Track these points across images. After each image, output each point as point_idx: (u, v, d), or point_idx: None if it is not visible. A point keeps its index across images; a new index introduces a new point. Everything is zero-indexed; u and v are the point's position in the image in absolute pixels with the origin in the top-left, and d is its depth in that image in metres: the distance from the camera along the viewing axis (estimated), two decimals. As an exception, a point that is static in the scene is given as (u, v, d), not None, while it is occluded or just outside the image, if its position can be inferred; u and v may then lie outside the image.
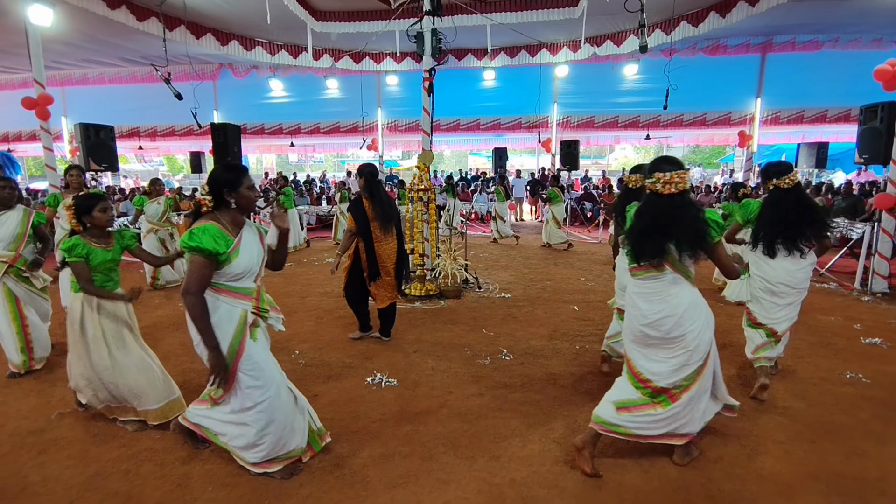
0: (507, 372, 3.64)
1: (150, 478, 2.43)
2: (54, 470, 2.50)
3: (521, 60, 12.81)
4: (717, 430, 2.76)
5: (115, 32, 10.31)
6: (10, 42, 10.42)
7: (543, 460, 2.54)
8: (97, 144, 7.63)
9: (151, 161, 25.60)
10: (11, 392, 3.38)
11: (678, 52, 11.15)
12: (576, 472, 2.43)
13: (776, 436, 2.75)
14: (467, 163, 26.92)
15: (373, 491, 2.31)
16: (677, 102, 11.03)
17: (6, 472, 2.49)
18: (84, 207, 2.77)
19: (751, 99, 13.55)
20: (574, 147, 11.24)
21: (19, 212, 3.64)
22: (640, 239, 2.26)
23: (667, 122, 13.88)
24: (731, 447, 2.64)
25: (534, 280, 6.60)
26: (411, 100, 14.56)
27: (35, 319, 3.70)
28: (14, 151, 17.09)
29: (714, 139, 15.63)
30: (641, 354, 2.40)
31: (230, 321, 2.20)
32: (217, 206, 2.22)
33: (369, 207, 3.94)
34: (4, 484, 2.39)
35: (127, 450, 2.67)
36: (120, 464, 2.55)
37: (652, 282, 2.31)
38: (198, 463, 2.54)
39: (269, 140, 16.73)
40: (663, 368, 2.33)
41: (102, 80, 14.79)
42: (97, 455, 2.62)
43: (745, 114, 13.67)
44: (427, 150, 6.16)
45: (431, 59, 6.35)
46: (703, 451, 2.58)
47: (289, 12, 9.26)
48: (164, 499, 2.28)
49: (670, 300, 2.27)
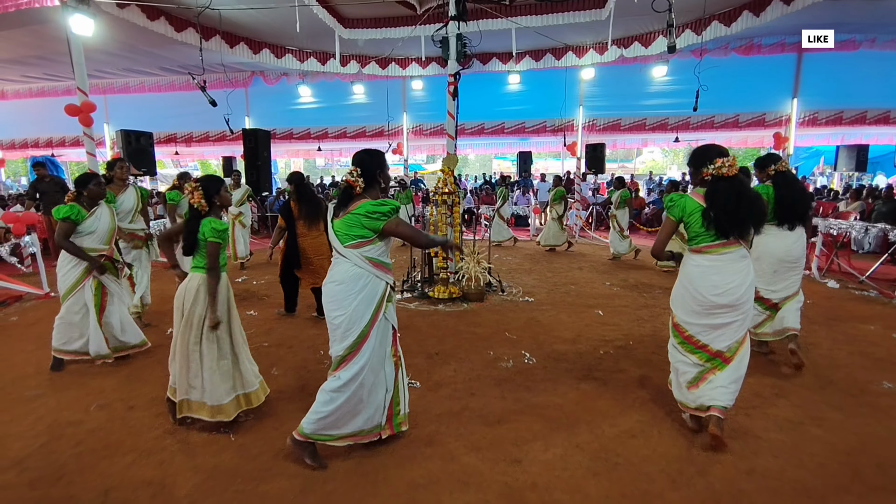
0: (529, 375, 3.61)
1: (183, 468, 2.50)
2: (91, 460, 2.59)
3: (546, 64, 12.74)
4: (749, 440, 2.70)
5: (154, 43, 10.75)
6: (51, 49, 10.91)
7: (566, 465, 2.51)
8: (137, 150, 7.96)
9: (186, 166, 26.51)
10: (53, 385, 3.54)
11: (709, 53, 10.85)
12: (599, 478, 2.40)
13: (811, 448, 2.66)
14: (492, 166, 26.91)
15: (394, 490, 2.33)
16: (708, 104, 10.75)
17: (44, 461, 2.58)
18: (214, 188, 2.84)
19: (787, 99, 13.05)
20: (600, 150, 11.10)
21: (104, 207, 3.81)
22: (729, 216, 2.51)
23: (697, 123, 13.49)
24: (763, 458, 2.56)
25: (557, 284, 6.54)
26: (436, 104, 14.67)
27: (114, 310, 3.84)
28: (59, 157, 17.98)
29: (748, 141, 15.11)
30: (703, 326, 2.66)
31: (376, 293, 2.44)
32: (368, 187, 2.45)
33: (296, 208, 4.70)
34: (42, 473, 2.48)
35: (160, 441, 2.76)
36: (154, 454, 2.63)
37: (728, 255, 2.58)
38: (227, 455, 2.61)
39: (297, 145, 17.09)
40: (724, 332, 2.63)
41: (142, 88, 15.43)
42: (132, 445, 2.72)
43: (781, 115, 13.16)
44: (451, 154, 6.20)
45: (456, 64, 6.39)
46: (734, 462, 2.52)
47: (318, 20, 9.48)
48: (195, 490, 2.34)
49: (742, 272, 2.59)
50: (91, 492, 2.33)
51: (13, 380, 3.63)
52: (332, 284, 2.45)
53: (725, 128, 13.56)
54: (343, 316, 2.39)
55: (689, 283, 2.66)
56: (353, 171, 2.42)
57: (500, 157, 25.38)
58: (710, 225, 2.55)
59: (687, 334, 2.71)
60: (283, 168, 26.49)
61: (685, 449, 2.65)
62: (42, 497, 2.31)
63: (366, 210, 2.36)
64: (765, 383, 3.40)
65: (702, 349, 2.67)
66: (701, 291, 2.61)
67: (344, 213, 2.41)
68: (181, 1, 8.90)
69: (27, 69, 13.20)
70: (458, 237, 5.94)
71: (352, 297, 2.39)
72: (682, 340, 2.74)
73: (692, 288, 2.64)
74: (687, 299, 2.68)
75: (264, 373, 3.63)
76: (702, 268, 2.62)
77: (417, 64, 13.27)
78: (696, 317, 2.67)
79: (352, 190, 2.41)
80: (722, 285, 2.56)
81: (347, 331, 2.40)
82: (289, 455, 2.57)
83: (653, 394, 3.21)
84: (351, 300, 2.39)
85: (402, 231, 2.42)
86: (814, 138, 14.33)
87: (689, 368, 2.72)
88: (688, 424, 2.83)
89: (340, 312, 2.40)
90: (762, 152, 20.98)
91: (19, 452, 2.66)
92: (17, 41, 10.49)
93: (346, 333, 2.40)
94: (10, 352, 4.22)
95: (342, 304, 2.40)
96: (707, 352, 2.66)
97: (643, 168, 26.75)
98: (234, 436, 2.81)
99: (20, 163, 22.82)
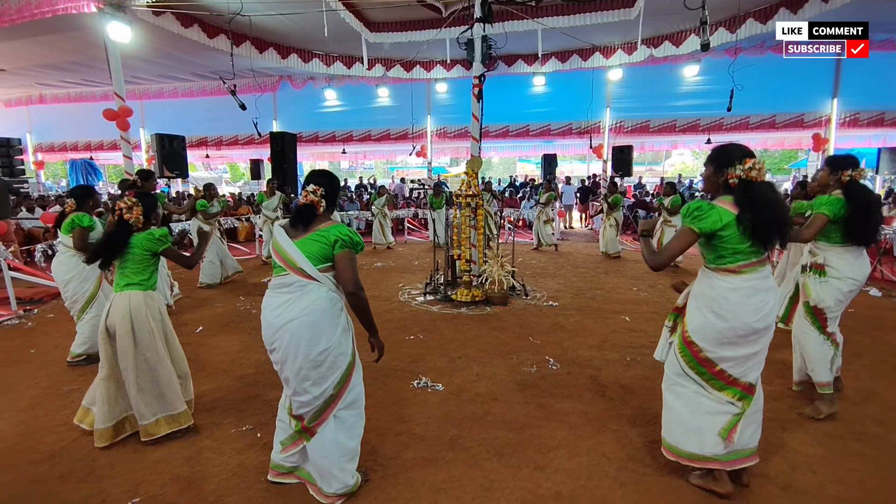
0: (553, 381, 3.54)
1: (210, 465, 2.54)
2: (121, 455, 2.65)
3: (572, 65, 12.60)
4: (787, 455, 2.58)
5: (187, 49, 11.11)
6: (89, 55, 11.40)
7: (592, 475, 2.44)
8: (170, 153, 8.24)
9: (216, 169, 27.29)
10: (87, 381, 3.61)
11: (744, 52, 10.52)
12: (626, 490, 2.33)
13: (851, 463, 2.54)
14: (516, 169, 26.75)
15: (416, 493, 2.31)
16: (743, 104, 10.41)
17: (76, 456, 2.64)
18: (152, 207, 2.94)
19: (826, 100, 12.56)
20: (627, 153, 10.89)
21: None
22: (770, 224, 2.11)
23: (730, 124, 13.09)
24: (801, 473, 2.44)
25: (583, 289, 6.42)
26: (460, 107, 14.70)
27: None
28: (96, 159, 18.75)
29: (784, 143, 14.58)
30: (739, 358, 2.23)
31: (348, 319, 2.28)
32: (329, 209, 2.29)
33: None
34: (74, 467, 2.53)
35: (188, 437, 2.81)
36: (182, 450, 2.67)
37: (760, 272, 2.20)
38: (252, 454, 2.64)
39: (322, 147, 17.40)
40: (753, 362, 2.26)
41: (175, 93, 15.99)
42: (163, 441, 2.75)
43: (820, 115, 12.67)
44: (476, 157, 6.16)
45: (481, 66, 6.36)
46: (770, 478, 2.40)
47: (344, 25, 9.62)
48: (221, 485, 2.38)
49: (773, 287, 2.24)
50: (121, 486, 2.37)
51: (48, 375, 3.75)
52: (305, 317, 2.10)
53: (761, 128, 13.15)
54: (329, 349, 2.13)
55: (724, 310, 2.20)
56: (316, 191, 2.19)
57: (524, 160, 25.22)
58: (747, 236, 2.13)
59: (717, 369, 2.25)
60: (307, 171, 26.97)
61: None
62: (72, 491, 2.34)
63: (337, 233, 2.14)
64: (803, 395, 3.24)
65: (732, 384, 2.25)
66: (742, 318, 2.18)
67: (304, 234, 2.17)
68: (214, 8, 9.15)
69: (66, 74, 13.82)
70: (481, 240, 5.89)
71: (333, 324, 2.15)
72: (712, 376, 2.25)
73: (730, 315, 2.19)
74: (721, 329, 2.21)
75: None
76: (740, 291, 2.18)
77: (442, 66, 13.33)
78: (731, 348, 2.23)
79: (314, 210, 2.20)
80: (764, 307, 2.18)
81: (333, 364, 2.16)
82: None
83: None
84: (334, 329, 2.15)
85: (348, 268, 2.15)
86: (854, 140, 13.77)
87: (720, 411, 2.27)
88: (712, 488, 2.30)
89: (325, 345, 2.12)
90: (800, 155, 20.23)
91: (52, 446, 2.73)
92: (56, 47, 10.98)
93: (332, 367, 2.16)
94: (46, 347, 4.38)
95: (327, 334, 2.13)
96: (739, 386, 2.25)
97: (672, 171, 26.17)
98: (259, 433, 2.85)
99: (59, 165, 23.85)
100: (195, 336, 4.61)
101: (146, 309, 2.72)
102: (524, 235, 11.76)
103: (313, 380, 2.14)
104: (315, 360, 2.11)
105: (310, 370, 2.12)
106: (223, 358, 4.04)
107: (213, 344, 4.37)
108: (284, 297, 2.15)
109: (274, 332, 2.13)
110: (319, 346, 2.11)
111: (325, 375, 2.14)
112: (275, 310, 2.14)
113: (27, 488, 2.37)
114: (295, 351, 2.10)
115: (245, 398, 3.32)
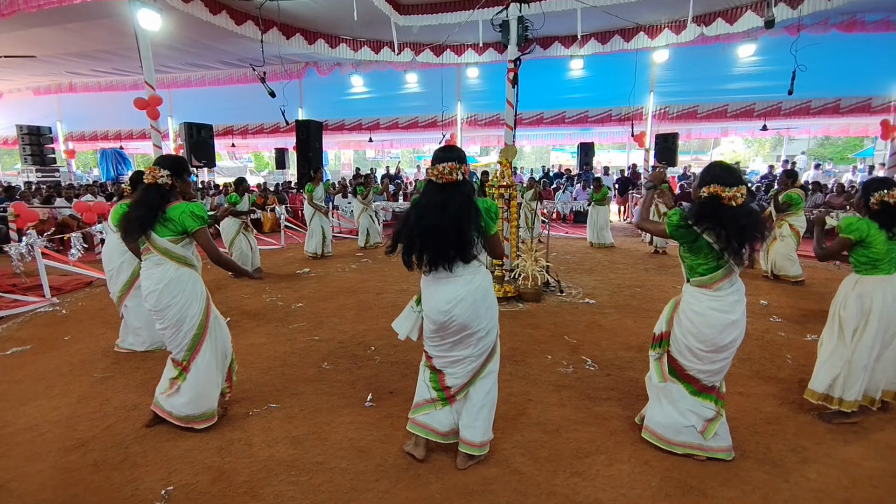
0: (591, 383, 3.37)
1: (240, 456, 2.52)
2: (154, 442, 2.63)
3: (613, 46, 11.83)
4: (848, 469, 2.43)
5: (215, 36, 11.08)
6: (119, 44, 11.41)
7: (634, 483, 2.30)
8: (198, 142, 8.25)
9: (241, 158, 27.58)
10: (120, 368, 3.64)
11: (806, 29, 9.71)
12: (672, 501, 2.19)
13: (871, 464, 2.46)
14: (549, 159, 26.06)
15: (447, 495, 2.23)
16: (804, 87, 9.66)
17: (110, 443, 2.63)
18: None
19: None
20: (672, 141, 10.34)
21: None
22: (742, 244, 2.22)
23: (789, 109, 12.10)
24: (862, 489, 2.28)
25: (621, 286, 6.10)
26: (491, 93, 14.20)
27: None
28: (125, 149, 19.10)
29: (849, 129, 13.46)
30: (700, 363, 2.39)
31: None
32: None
33: None
34: (107, 455, 2.52)
35: (218, 428, 2.78)
36: (213, 440, 2.65)
37: (736, 285, 2.34)
38: (281, 447, 2.60)
39: (348, 136, 17.25)
40: (719, 366, 2.39)
41: (203, 82, 16.04)
42: (192, 431, 2.72)
43: (890, 100, 11.50)
44: (510, 145, 5.90)
45: (516, 49, 6.06)
46: (829, 493, 2.26)
47: (373, 8, 9.37)
48: (252, 477, 2.36)
49: (742, 301, 2.34)
50: (154, 474, 2.36)
51: (82, 362, 3.76)
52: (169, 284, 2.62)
53: (824, 114, 12.14)
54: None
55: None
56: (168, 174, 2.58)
57: (558, 150, 24.44)
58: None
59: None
60: (332, 160, 27.00)
61: (773, 474, 2.38)
62: (105, 479, 2.32)
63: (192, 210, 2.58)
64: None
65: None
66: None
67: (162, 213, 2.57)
68: (242, -6, 9.04)
69: (96, 63, 13.94)
70: (515, 233, 5.64)
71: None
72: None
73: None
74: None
75: (315, 366, 3.64)
76: (712, 308, 2.36)
77: (473, 50, 12.87)
78: (706, 354, 2.39)
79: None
80: (735, 317, 2.38)
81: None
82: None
83: (732, 410, 2.84)
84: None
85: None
86: None
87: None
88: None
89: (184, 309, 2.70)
90: (866, 143, 18.93)
91: (85, 433, 2.72)
92: (86, 35, 11.05)
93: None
94: (80, 334, 4.39)
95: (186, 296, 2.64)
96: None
97: (721, 161, 24.81)
98: (288, 425, 2.82)
99: (90, 154, 24.48)
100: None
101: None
102: (557, 229, 11.42)
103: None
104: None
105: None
106: (250, 350, 3.98)
107: (240, 336, 4.31)
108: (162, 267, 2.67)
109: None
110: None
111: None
112: None
113: (59, 477, 2.35)
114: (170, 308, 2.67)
115: (273, 391, 3.26)
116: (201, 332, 2.69)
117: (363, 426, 2.78)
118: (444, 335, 2.29)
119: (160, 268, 2.61)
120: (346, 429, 2.77)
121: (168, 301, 2.60)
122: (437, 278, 2.25)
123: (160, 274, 2.60)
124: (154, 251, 2.61)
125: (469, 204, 2.18)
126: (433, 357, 2.39)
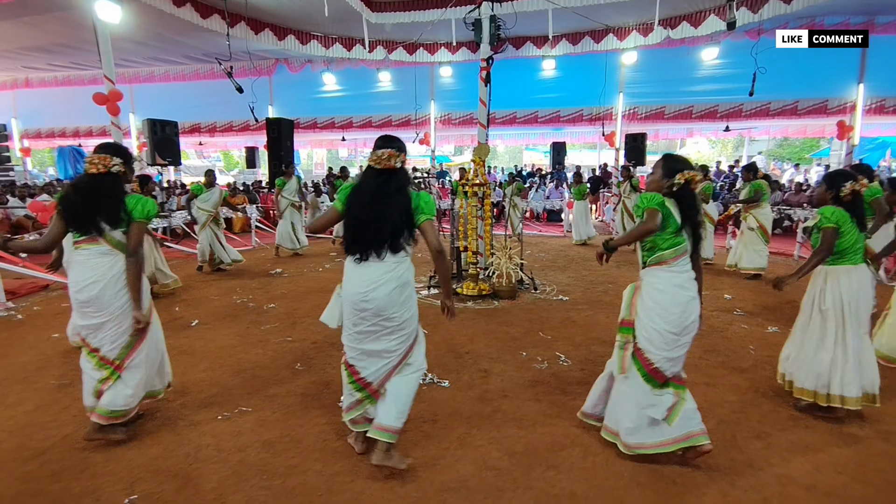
0: (565, 378, 3.43)
1: (209, 462, 2.45)
2: (116, 451, 2.53)
3: (584, 48, 12.10)
4: (810, 455, 2.52)
5: (179, 30, 10.74)
6: (77, 38, 10.98)
7: (607, 475, 2.35)
8: (163, 140, 7.95)
9: (209, 157, 26.81)
10: (78, 375, 3.36)
11: (766, 33, 10.06)
12: (644, 490, 2.25)
13: (878, 464, 2.49)
14: (522, 158, 26.27)
15: (424, 493, 2.23)
16: (764, 89, 9.97)
17: (68, 452, 2.53)
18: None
19: (852, 85, 11.89)
20: (641, 140, 10.54)
21: None
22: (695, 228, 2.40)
23: (750, 111, 12.52)
24: (826, 474, 2.37)
25: (594, 283, 6.22)
26: (465, 92, 14.19)
27: None
28: (84, 147, 18.30)
29: (807, 130, 13.96)
30: (668, 350, 2.38)
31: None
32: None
33: None
34: (66, 464, 2.42)
35: (187, 434, 2.70)
36: (180, 447, 2.57)
37: (689, 265, 2.42)
38: (252, 451, 2.54)
39: (320, 135, 17.00)
40: (682, 352, 2.41)
41: (167, 77, 15.49)
42: (158, 437, 2.66)
43: (845, 101, 11.99)
44: (483, 144, 5.93)
45: (489, 48, 6.10)
46: (794, 478, 2.33)
47: (344, 5, 9.27)
48: (220, 483, 2.29)
49: (694, 281, 2.42)
50: (116, 484, 2.27)
51: (38, 369, 3.58)
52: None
53: (783, 115, 12.55)
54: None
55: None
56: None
57: (531, 149, 24.65)
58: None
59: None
60: (305, 160, 26.53)
61: (737, 461, 2.47)
62: (65, 490, 2.23)
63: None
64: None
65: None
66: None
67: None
68: (208, -15, 8.79)
69: (53, 57, 13.33)
70: (489, 231, 5.67)
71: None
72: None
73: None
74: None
75: (288, 367, 3.58)
76: (670, 287, 2.41)
77: (447, 49, 12.89)
78: (671, 336, 2.42)
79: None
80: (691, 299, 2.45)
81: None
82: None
83: (701, 401, 2.91)
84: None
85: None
86: (881, 128, 13.27)
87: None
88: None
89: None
90: (822, 144, 19.65)
91: (42, 443, 2.60)
92: (42, 28, 10.57)
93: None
94: (36, 340, 4.19)
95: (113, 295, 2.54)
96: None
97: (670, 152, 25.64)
98: (260, 430, 2.75)
99: (46, 152, 23.36)
100: (191, 330, 4.44)
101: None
102: (531, 227, 11.53)
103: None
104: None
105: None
106: (220, 352, 3.88)
107: (209, 338, 4.21)
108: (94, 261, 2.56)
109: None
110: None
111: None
112: None
113: (16, 487, 2.26)
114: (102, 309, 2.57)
115: (244, 394, 3.18)
116: (144, 326, 2.59)
117: (338, 427, 2.74)
118: (358, 321, 2.27)
119: (107, 258, 2.48)
120: (321, 430, 2.73)
121: (114, 292, 2.48)
122: (362, 262, 2.26)
123: (108, 265, 2.48)
124: (102, 242, 2.48)
125: (402, 189, 2.26)
126: (347, 348, 2.39)
